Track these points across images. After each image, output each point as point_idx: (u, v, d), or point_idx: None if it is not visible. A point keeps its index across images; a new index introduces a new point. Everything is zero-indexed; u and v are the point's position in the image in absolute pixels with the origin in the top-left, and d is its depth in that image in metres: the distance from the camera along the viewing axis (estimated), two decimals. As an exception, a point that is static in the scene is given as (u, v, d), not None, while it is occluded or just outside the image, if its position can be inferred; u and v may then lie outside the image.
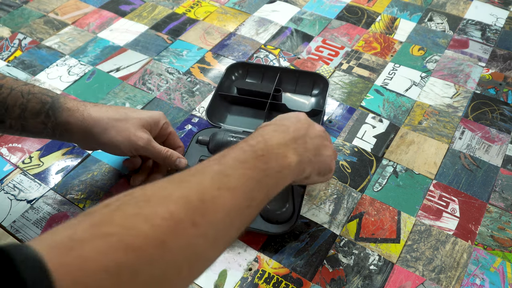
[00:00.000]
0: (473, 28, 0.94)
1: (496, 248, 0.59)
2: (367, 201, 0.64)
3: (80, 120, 0.56)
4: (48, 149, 0.71)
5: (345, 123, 0.75)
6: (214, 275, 0.57)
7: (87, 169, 0.68)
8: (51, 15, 0.99)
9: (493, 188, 0.66)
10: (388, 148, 0.71)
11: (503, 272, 0.57)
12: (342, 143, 0.72)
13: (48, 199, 0.65)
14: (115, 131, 0.57)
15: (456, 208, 0.63)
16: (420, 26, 0.95)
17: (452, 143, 0.72)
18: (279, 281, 0.56)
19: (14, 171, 0.68)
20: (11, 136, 0.73)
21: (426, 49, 0.89)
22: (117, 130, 0.57)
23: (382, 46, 0.90)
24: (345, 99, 0.79)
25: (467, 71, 0.85)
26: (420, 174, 0.67)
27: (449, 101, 0.79)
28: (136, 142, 0.57)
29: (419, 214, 0.63)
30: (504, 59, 0.87)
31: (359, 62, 0.87)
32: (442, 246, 0.59)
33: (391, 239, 0.60)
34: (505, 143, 0.72)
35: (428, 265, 0.58)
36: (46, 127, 0.56)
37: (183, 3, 1.02)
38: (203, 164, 0.40)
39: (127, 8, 1.01)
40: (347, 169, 0.68)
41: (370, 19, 0.97)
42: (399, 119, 0.76)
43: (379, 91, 0.81)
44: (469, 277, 0.56)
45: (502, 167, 0.69)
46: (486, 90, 0.81)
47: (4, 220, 0.62)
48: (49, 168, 0.69)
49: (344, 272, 0.57)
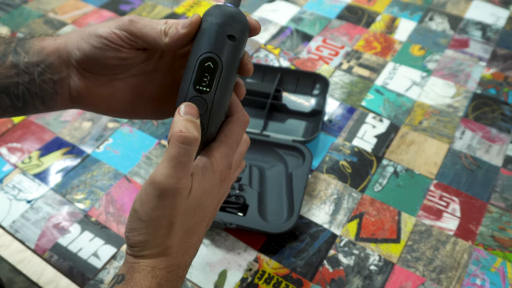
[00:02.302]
0: (473, 28, 0.94)
1: (496, 248, 0.59)
2: (368, 201, 0.64)
3: (54, 39, 0.41)
4: (47, 149, 0.71)
5: (345, 123, 0.75)
6: (214, 275, 0.56)
7: (87, 169, 0.68)
8: (50, 14, 0.99)
9: (493, 188, 0.66)
10: (388, 148, 0.71)
11: (504, 272, 0.57)
12: (342, 143, 0.72)
13: (48, 199, 0.64)
14: (90, 28, 0.40)
15: (456, 208, 0.63)
16: (420, 25, 0.95)
17: (452, 143, 0.72)
18: (279, 281, 0.56)
19: (13, 171, 0.68)
20: (11, 135, 0.73)
21: (427, 49, 0.89)
22: (94, 27, 0.40)
23: (383, 45, 0.90)
24: (346, 99, 0.79)
25: (468, 70, 0.85)
26: (421, 174, 0.67)
27: (450, 101, 0.79)
28: (118, 22, 0.39)
29: (420, 214, 0.63)
30: (505, 58, 0.87)
31: (359, 62, 0.86)
32: (442, 246, 0.59)
33: (392, 239, 0.60)
34: (506, 143, 0.72)
35: (428, 265, 0.57)
36: (19, 72, 0.40)
37: (183, 2, 1.02)
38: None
39: (127, 7, 1.01)
40: (347, 169, 0.68)
41: (370, 18, 0.97)
42: (399, 119, 0.76)
43: (380, 91, 0.80)
44: (470, 277, 0.56)
45: (503, 167, 0.68)
46: (487, 90, 0.81)
47: (3, 220, 0.62)
48: (48, 168, 0.68)
49: (344, 272, 0.57)
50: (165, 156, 0.34)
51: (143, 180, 0.67)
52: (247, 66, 0.39)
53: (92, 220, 0.62)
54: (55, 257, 0.58)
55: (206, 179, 0.37)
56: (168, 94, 0.43)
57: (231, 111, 0.39)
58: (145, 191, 0.35)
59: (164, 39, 0.38)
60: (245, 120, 0.40)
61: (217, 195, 0.40)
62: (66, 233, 0.61)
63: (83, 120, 0.75)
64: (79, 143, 0.72)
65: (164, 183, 0.34)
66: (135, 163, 0.69)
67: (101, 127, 0.74)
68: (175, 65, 0.43)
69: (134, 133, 0.74)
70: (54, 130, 0.74)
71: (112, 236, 0.60)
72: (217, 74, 0.36)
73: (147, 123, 0.75)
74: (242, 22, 0.37)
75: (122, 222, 0.62)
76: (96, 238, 0.60)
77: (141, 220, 0.35)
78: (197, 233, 0.39)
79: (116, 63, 0.40)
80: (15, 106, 0.41)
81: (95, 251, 0.59)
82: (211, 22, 0.37)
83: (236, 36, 0.36)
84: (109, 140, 0.72)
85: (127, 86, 0.41)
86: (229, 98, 0.38)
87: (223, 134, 0.39)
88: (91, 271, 0.57)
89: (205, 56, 0.36)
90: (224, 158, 0.38)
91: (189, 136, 0.34)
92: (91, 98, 0.41)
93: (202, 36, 0.37)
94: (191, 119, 0.35)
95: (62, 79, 0.40)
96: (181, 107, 0.36)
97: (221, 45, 0.36)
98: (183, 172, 0.34)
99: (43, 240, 0.60)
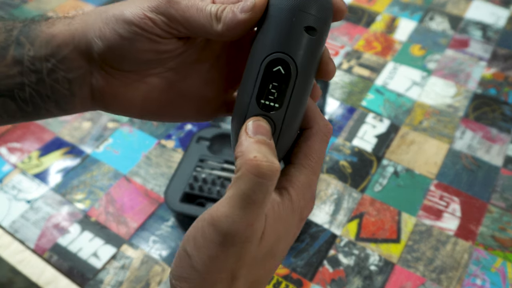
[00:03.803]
0: (474, 28, 0.94)
1: (497, 249, 0.59)
2: (368, 201, 0.64)
3: (67, 23, 0.33)
4: (47, 148, 0.71)
5: (346, 122, 0.75)
6: (214, 275, 0.56)
7: (86, 169, 0.68)
8: (50, 14, 0.99)
9: (494, 188, 0.66)
10: (388, 148, 0.71)
11: (504, 272, 0.57)
12: (343, 143, 0.72)
13: (48, 199, 0.64)
14: (115, 9, 0.31)
15: (456, 208, 0.63)
16: (420, 25, 0.95)
17: (453, 143, 0.72)
18: (279, 281, 0.56)
19: (13, 171, 0.68)
20: (11, 135, 0.73)
21: (427, 49, 0.89)
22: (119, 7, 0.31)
23: (383, 45, 0.90)
24: (346, 98, 0.79)
25: (468, 70, 0.84)
26: (421, 174, 0.67)
27: (450, 101, 0.79)
28: (152, 2, 0.29)
29: (420, 214, 0.62)
30: (505, 58, 0.87)
31: (359, 62, 0.86)
32: (442, 246, 0.59)
33: (392, 240, 0.60)
34: (506, 143, 0.72)
35: (428, 265, 0.57)
36: (23, 70, 0.31)
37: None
38: None
39: (127, 7, 1.01)
40: (347, 169, 0.68)
41: (370, 18, 0.97)
42: (399, 119, 0.76)
43: (380, 91, 0.80)
44: (470, 277, 0.56)
45: (503, 167, 0.68)
46: (487, 90, 0.81)
47: (3, 220, 0.62)
48: (48, 168, 0.68)
49: (345, 272, 0.57)
50: (234, 192, 0.25)
51: (143, 180, 0.67)
52: (328, 66, 0.29)
53: (92, 220, 0.62)
54: (54, 257, 0.58)
55: (282, 221, 0.28)
56: (216, 90, 0.34)
57: (308, 121, 0.29)
58: (202, 232, 0.26)
59: (216, 26, 0.28)
60: (327, 132, 0.30)
61: (292, 238, 0.30)
62: (65, 233, 0.61)
63: (83, 120, 0.75)
64: (79, 143, 0.72)
65: (231, 229, 0.25)
66: (135, 163, 0.69)
67: (101, 127, 0.74)
68: (226, 54, 0.33)
69: (134, 133, 0.74)
70: (54, 130, 0.74)
71: (111, 236, 0.60)
72: (290, 84, 0.26)
73: (147, 123, 0.75)
74: (324, 6, 0.26)
75: (121, 222, 0.62)
76: (96, 238, 0.60)
77: (195, 269, 0.26)
78: (262, 284, 0.30)
79: (151, 58, 0.30)
80: (24, 111, 0.32)
81: (95, 251, 0.59)
82: (282, 7, 0.26)
83: (317, 28, 0.26)
84: (109, 140, 0.72)
85: (164, 83, 0.32)
86: (303, 113, 0.28)
87: (301, 154, 0.29)
88: (90, 271, 0.57)
89: (274, 57, 0.26)
90: (306, 189, 0.28)
91: (268, 166, 0.25)
92: (119, 100, 0.32)
93: (269, 28, 0.26)
94: (264, 141, 0.26)
95: (80, 78, 0.31)
96: (249, 125, 0.27)
97: (297, 41, 0.25)
98: (256, 215, 0.25)
99: (43, 240, 0.60)
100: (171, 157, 0.70)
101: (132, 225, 0.61)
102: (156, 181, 0.66)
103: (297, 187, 0.28)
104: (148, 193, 0.65)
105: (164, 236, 0.60)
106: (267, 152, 0.25)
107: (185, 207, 0.59)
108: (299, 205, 0.28)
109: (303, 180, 0.28)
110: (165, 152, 0.70)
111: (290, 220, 0.28)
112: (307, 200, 0.29)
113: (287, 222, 0.28)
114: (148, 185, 0.66)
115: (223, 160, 0.65)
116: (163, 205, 0.63)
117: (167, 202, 0.60)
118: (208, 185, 0.61)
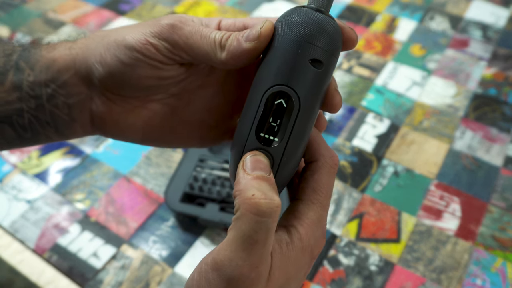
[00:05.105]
0: (474, 28, 0.94)
1: (497, 249, 0.59)
2: (368, 201, 0.64)
3: (68, 47, 0.31)
4: (47, 148, 0.71)
5: (346, 122, 0.75)
6: (214, 275, 0.56)
7: (87, 169, 0.68)
8: (50, 14, 0.99)
9: (494, 188, 0.66)
10: (388, 148, 0.71)
11: (504, 272, 0.57)
12: (343, 143, 0.72)
13: (47, 199, 0.64)
14: (117, 32, 0.30)
15: (457, 208, 0.63)
16: (420, 25, 0.95)
17: (453, 143, 0.72)
18: (279, 281, 0.56)
19: (13, 171, 0.68)
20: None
21: (427, 49, 0.89)
22: (120, 31, 0.30)
23: (383, 45, 0.90)
24: (346, 98, 0.79)
25: (468, 70, 0.84)
26: (421, 174, 0.67)
27: (450, 100, 0.79)
28: (155, 28, 0.29)
29: (420, 214, 0.62)
30: (505, 58, 0.87)
31: (359, 62, 0.86)
32: (442, 246, 0.59)
33: (392, 240, 0.60)
34: (506, 143, 0.72)
35: (429, 265, 0.57)
36: (22, 95, 0.30)
37: (183, 2, 1.02)
38: None
39: (126, 7, 1.01)
40: (347, 169, 0.68)
41: (370, 18, 0.97)
42: (399, 118, 0.75)
43: (380, 91, 0.80)
44: (470, 277, 0.56)
45: (503, 167, 0.68)
46: (487, 90, 0.81)
47: (3, 220, 0.62)
48: (48, 168, 0.68)
49: (345, 272, 0.57)
50: (234, 233, 0.24)
51: (143, 180, 0.67)
52: (334, 99, 0.27)
53: (92, 220, 0.62)
54: (54, 257, 0.58)
55: (291, 261, 0.26)
56: (220, 116, 0.33)
57: (313, 153, 0.28)
58: (205, 277, 0.25)
59: (219, 54, 0.27)
60: (334, 164, 0.28)
61: (303, 276, 0.28)
62: (65, 233, 0.61)
63: (82, 120, 0.75)
64: (79, 143, 0.72)
65: (235, 273, 0.24)
66: (135, 163, 0.69)
67: (101, 127, 0.74)
68: (231, 81, 0.32)
69: (134, 133, 0.73)
70: (53, 130, 0.74)
71: (111, 236, 0.60)
72: (291, 118, 0.25)
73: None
74: (333, 37, 0.25)
75: (121, 222, 0.62)
76: (96, 238, 0.60)
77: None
78: None
79: (153, 84, 0.29)
80: (23, 138, 0.31)
81: (95, 251, 0.59)
82: (287, 38, 0.25)
83: (324, 61, 0.25)
84: (109, 140, 0.72)
85: (166, 109, 0.31)
86: (305, 147, 0.27)
87: (309, 190, 0.27)
88: (90, 271, 0.57)
89: (276, 90, 0.25)
90: (316, 226, 0.27)
91: (267, 204, 0.23)
92: (120, 126, 0.31)
93: (273, 58, 0.25)
94: (263, 177, 0.25)
95: (80, 103, 0.31)
96: (246, 161, 0.25)
97: (301, 75, 0.24)
98: (260, 256, 0.24)
99: (43, 240, 0.60)
100: (171, 157, 0.70)
101: (132, 225, 0.61)
102: (156, 181, 0.66)
103: (307, 224, 0.27)
104: (148, 193, 0.65)
105: (164, 236, 0.60)
106: (266, 188, 0.24)
107: (185, 207, 0.59)
108: (309, 244, 0.27)
109: (312, 216, 0.27)
110: (165, 152, 0.70)
111: (300, 260, 0.27)
112: (317, 238, 0.27)
113: (297, 262, 0.26)
114: (148, 185, 0.66)
115: (223, 160, 0.65)
116: (163, 205, 0.63)
117: (167, 202, 0.60)
118: (208, 185, 0.61)
